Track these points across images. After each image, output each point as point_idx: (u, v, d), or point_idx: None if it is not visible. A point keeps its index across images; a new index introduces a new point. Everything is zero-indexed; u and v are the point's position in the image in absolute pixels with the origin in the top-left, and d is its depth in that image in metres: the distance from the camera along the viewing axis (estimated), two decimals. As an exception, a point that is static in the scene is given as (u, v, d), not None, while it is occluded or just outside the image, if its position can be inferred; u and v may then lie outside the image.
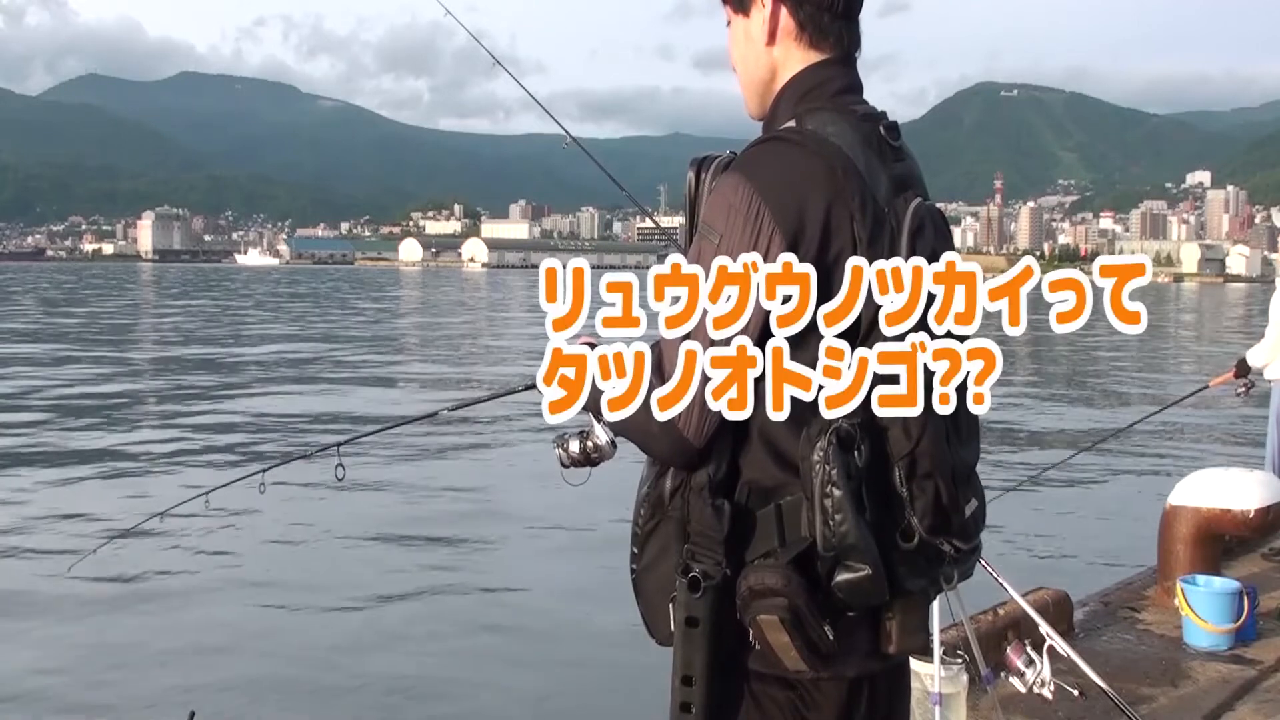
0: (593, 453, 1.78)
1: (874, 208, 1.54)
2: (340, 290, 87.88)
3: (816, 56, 1.67)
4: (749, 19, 1.70)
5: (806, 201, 1.52)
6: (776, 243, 1.51)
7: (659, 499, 1.62)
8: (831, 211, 1.52)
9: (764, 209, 1.51)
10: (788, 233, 1.51)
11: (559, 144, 3.09)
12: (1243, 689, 4.63)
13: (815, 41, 1.67)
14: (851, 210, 1.53)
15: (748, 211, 1.52)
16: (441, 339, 35.50)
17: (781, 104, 1.68)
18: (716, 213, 1.56)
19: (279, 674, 6.72)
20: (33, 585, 8.25)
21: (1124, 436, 16.02)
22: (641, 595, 1.67)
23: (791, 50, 1.68)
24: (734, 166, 1.60)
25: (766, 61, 1.70)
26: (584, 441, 1.78)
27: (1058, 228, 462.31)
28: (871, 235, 1.53)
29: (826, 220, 1.52)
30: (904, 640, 1.58)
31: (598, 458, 1.79)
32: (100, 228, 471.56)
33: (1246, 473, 5.90)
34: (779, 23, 1.67)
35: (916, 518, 1.51)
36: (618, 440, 1.75)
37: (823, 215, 1.52)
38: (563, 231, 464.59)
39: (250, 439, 15.22)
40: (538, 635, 7.41)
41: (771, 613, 1.49)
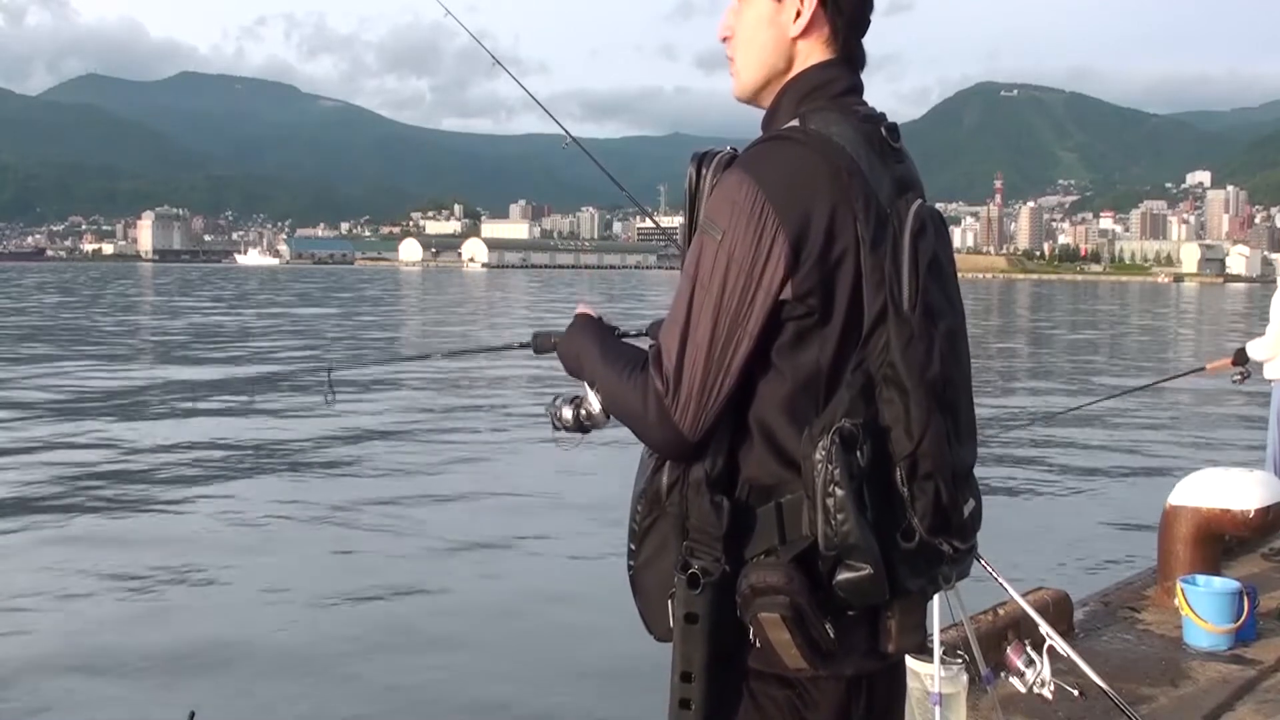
0: (585, 420, 1.78)
1: (877, 209, 1.54)
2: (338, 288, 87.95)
3: (828, 56, 1.68)
4: (781, 4, 1.68)
5: (811, 202, 1.52)
6: (780, 242, 1.51)
7: (656, 495, 1.62)
8: (836, 212, 1.53)
9: (768, 207, 1.52)
10: (792, 232, 1.51)
11: (559, 144, 3.09)
12: (1243, 689, 4.63)
13: (835, 46, 1.68)
14: (855, 211, 1.53)
15: (751, 209, 1.52)
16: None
17: (784, 100, 1.68)
18: (720, 209, 1.56)
19: (279, 674, 6.71)
20: (33, 582, 8.26)
21: (1124, 434, 16.03)
22: (639, 591, 1.67)
23: (815, 49, 1.68)
24: (738, 164, 1.59)
25: (786, 52, 1.69)
26: (578, 409, 1.78)
27: (1058, 228, 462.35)
28: (875, 236, 1.53)
29: (831, 221, 1.52)
30: (902, 639, 1.59)
31: (590, 425, 1.78)
32: (100, 228, 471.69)
33: (1246, 473, 5.90)
34: (814, 21, 1.66)
35: (917, 518, 1.51)
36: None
37: (827, 216, 1.52)
38: (563, 231, 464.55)
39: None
40: (534, 633, 7.41)
41: (774, 610, 1.49)
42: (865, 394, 1.51)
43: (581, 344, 1.76)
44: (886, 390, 1.51)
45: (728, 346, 1.53)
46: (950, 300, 1.60)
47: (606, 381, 1.67)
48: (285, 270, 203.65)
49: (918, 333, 1.51)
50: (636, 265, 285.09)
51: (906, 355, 1.50)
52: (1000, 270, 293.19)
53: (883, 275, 1.52)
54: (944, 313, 1.56)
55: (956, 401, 1.57)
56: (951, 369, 1.55)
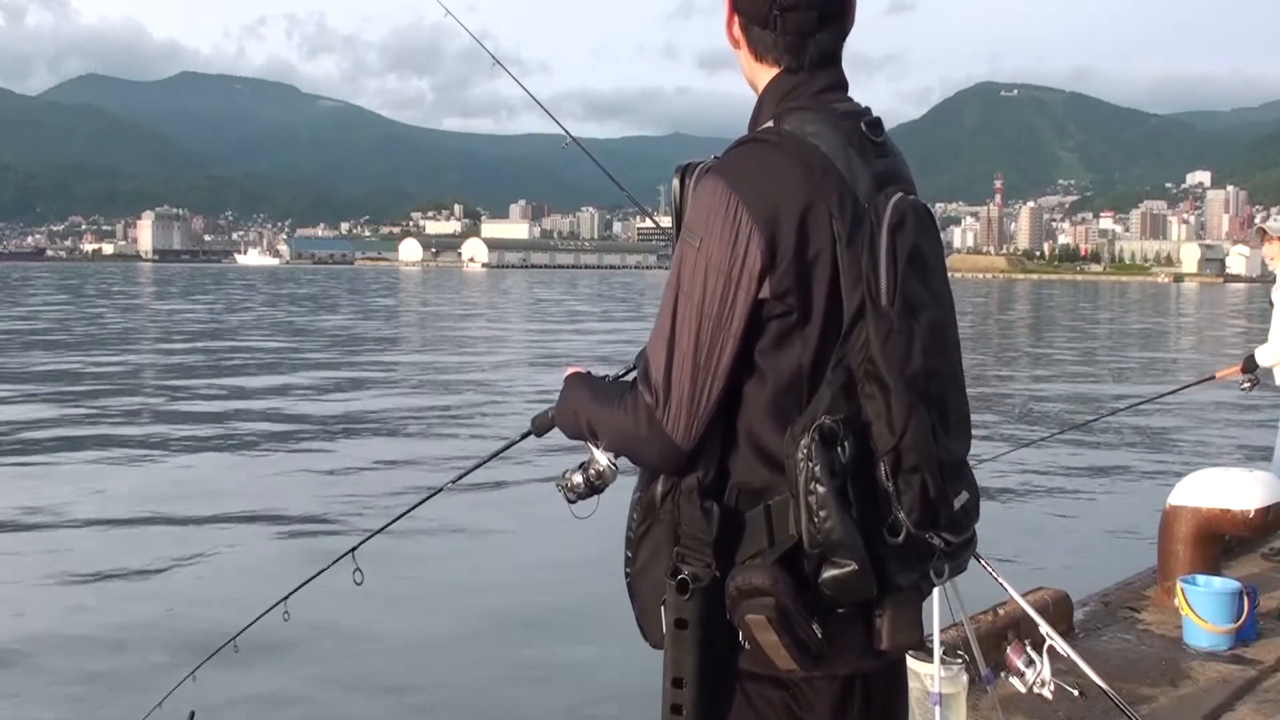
0: (595, 480, 1.80)
1: (853, 205, 1.54)
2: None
3: (782, 64, 1.69)
4: (739, 53, 1.74)
5: (783, 200, 1.53)
6: (755, 240, 1.52)
7: (650, 503, 1.63)
8: (809, 210, 1.53)
9: (741, 208, 1.53)
10: (766, 231, 1.52)
11: (559, 144, 3.09)
12: (1243, 689, 4.63)
13: (779, 52, 1.68)
14: (830, 208, 1.53)
15: (725, 211, 1.53)
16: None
17: (763, 106, 1.69)
18: (697, 217, 1.57)
19: (279, 673, 6.71)
20: (32, 581, 8.27)
21: (1124, 433, 16.02)
22: (636, 599, 1.68)
23: (767, 57, 1.69)
24: (712, 170, 1.61)
25: (749, 64, 1.72)
26: (586, 471, 1.80)
27: (1058, 228, 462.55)
28: (851, 232, 1.53)
29: (804, 219, 1.53)
30: (896, 636, 1.58)
31: (601, 484, 1.80)
32: (100, 228, 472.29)
33: (1246, 473, 5.90)
34: (747, 36, 1.70)
35: (903, 512, 1.50)
36: (618, 460, 1.77)
37: (800, 214, 1.53)
38: (563, 231, 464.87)
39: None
40: (527, 634, 7.41)
41: (759, 612, 1.49)
42: (847, 390, 1.51)
43: (574, 399, 1.77)
44: (868, 386, 1.50)
45: (713, 351, 1.54)
46: (934, 292, 1.58)
47: (600, 418, 1.68)
48: (285, 270, 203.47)
49: (897, 327, 1.50)
50: (636, 265, 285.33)
51: (886, 350, 1.49)
52: (1000, 270, 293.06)
53: (859, 271, 1.52)
54: (926, 305, 1.55)
55: (943, 394, 1.55)
56: (936, 362, 1.53)
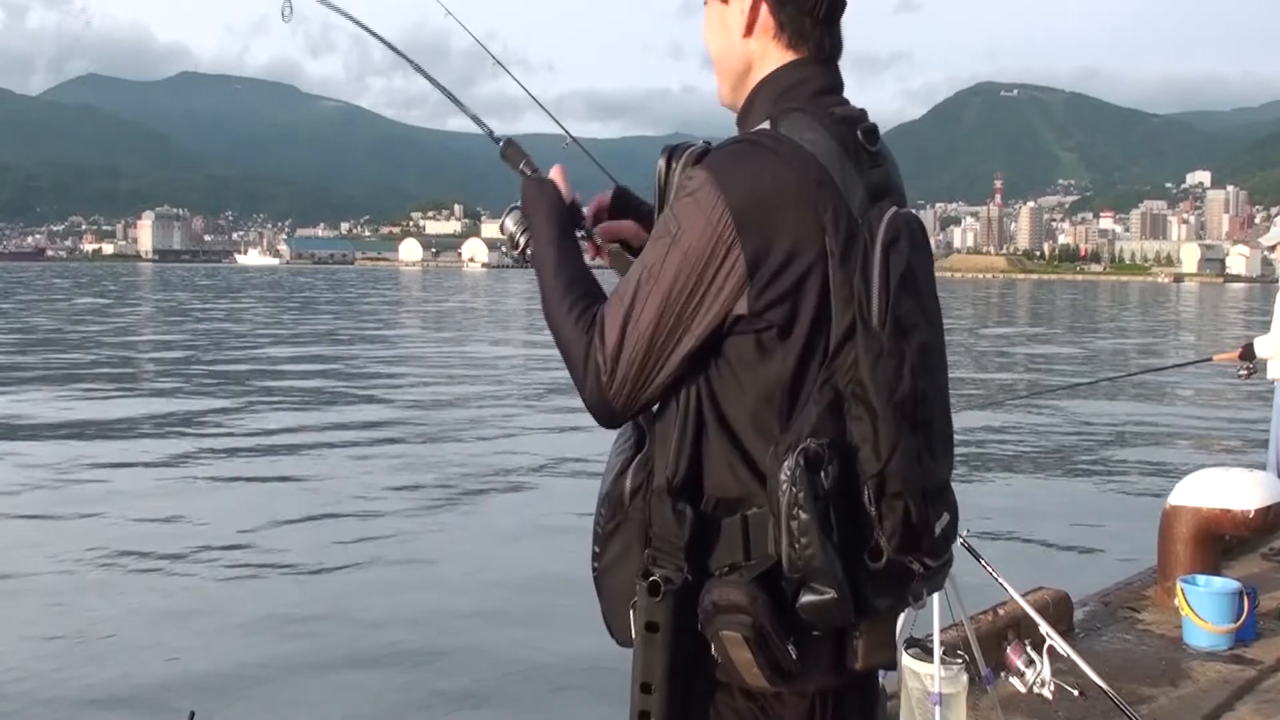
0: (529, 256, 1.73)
1: (848, 221, 1.50)
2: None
3: (794, 56, 1.64)
4: (726, 6, 1.67)
5: (776, 217, 1.49)
6: (734, 254, 1.49)
7: (619, 499, 1.61)
8: (802, 227, 1.49)
9: (728, 220, 1.49)
10: (750, 249, 1.48)
11: (559, 143, 3.08)
12: (1243, 689, 4.63)
13: (794, 42, 1.64)
14: (824, 224, 1.49)
15: (709, 214, 1.50)
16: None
17: (757, 101, 1.65)
18: (683, 207, 1.53)
19: (279, 672, 6.71)
20: (29, 578, 8.26)
21: (1124, 434, 16.04)
22: (602, 594, 1.66)
23: (769, 47, 1.65)
24: (706, 164, 1.55)
25: (742, 53, 1.67)
26: (526, 232, 1.74)
27: (1058, 228, 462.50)
28: (844, 250, 1.49)
29: (795, 237, 1.49)
30: (870, 657, 1.56)
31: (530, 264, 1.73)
32: (100, 228, 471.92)
33: (1246, 473, 5.90)
34: (758, 17, 1.64)
35: (885, 537, 1.47)
36: None
37: (792, 232, 1.49)
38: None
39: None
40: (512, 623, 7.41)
41: (735, 630, 1.47)
42: (833, 410, 1.47)
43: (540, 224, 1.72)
44: (855, 408, 1.47)
45: (669, 341, 1.52)
46: (925, 312, 1.55)
47: (552, 301, 1.62)
48: (285, 270, 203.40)
49: (887, 349, 1.47)
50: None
51: (875, 373, 1.46)
52: (1000, 270, 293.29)
53: (851, 291, 1.48)
54: (917, 327, 1.51)
55: (930, 417, 1.52)
56: (924, 384, 1.50)
